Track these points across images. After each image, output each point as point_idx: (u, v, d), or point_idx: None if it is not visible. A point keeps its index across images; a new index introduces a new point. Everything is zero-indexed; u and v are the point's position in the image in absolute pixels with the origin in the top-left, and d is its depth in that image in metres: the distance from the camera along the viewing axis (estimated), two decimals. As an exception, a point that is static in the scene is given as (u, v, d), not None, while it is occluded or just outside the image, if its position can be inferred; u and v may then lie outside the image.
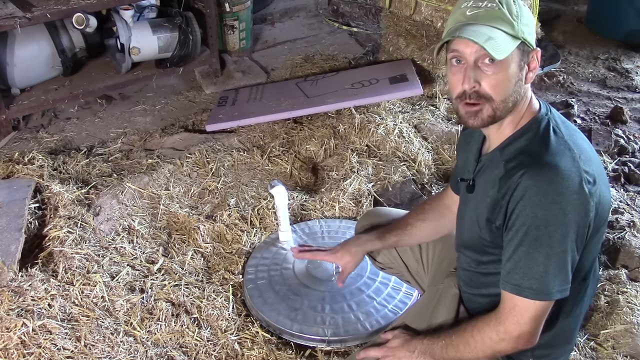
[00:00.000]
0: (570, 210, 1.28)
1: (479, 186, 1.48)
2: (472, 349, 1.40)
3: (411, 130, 2.94)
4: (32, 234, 2.31)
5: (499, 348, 1.37)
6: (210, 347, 1.89)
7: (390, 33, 3.69)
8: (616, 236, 2.32)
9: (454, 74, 1.37)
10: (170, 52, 3.40)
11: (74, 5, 2.99)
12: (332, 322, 1.95)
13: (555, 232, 1.28)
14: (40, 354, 1.82)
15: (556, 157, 1.31)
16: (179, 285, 2.11)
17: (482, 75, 1.32)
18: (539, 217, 1.28)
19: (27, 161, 2.76)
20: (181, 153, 2.87)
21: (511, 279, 1.33)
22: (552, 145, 1.33)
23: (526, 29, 1.34)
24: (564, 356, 1.55)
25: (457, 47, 1.33)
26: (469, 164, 1.55)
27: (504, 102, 1.35)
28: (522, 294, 1.32)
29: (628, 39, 4.03)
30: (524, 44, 1.34)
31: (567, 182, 1.27)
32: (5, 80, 3.13)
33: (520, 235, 1.31)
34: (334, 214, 2.49)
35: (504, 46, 1.30)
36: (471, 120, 1.37)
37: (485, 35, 1.28)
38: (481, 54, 1.31)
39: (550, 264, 1.30)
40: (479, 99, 1.34)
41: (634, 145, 3.01)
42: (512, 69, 1.33)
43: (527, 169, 1.31)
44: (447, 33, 1.35)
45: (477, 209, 1.46)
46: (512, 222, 1.33)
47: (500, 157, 1.41)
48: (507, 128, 1.41)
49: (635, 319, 1.92)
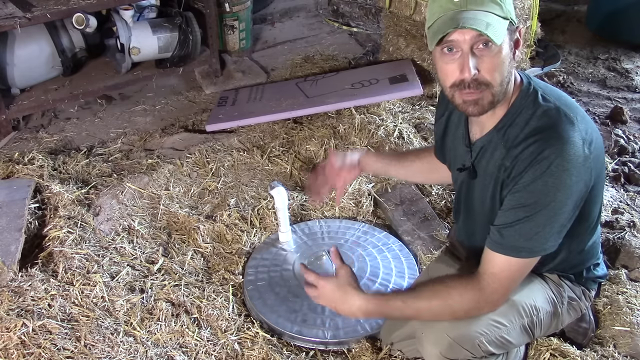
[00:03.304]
0: (576, 175, 1.32)
1: (481, 169, 1.50)
2: (446, 311, 1.43)
3: (411, 130, 2.94)
4: (32, 234, 2.31)
5: (480, 308, 1.42)
6: (210, 347, 1.89)
7: (390, 33, 3.68)
8: (616, 236, 2.32)
9: (446, 63, 1.35)
10: (170, 52, 3.39)
11: (74, 5, 2.99)
12: (331, 324, 1.95)
13: (561, 198, 1.33)
14: (40, 354, 1.82)
15: (558, 127, 1.34)
16: (179, 285, 2.11)
17: (480, 61, 1.31)
18: (549, 186, 1.32)
19: (27, 161, 2.76)
20: (181, 153, 2.87)
21: (508, 242, 1.38)
22: (549, 116, 1.36)
23: (511, 7, 1.34)
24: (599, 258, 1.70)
25: (450, 37, 1.31)
26: (460, 152, 1.57)
27: (501, 85, 1.36)
28: (520, 255, 1.38)
29: (628, 39, 4.03)
30: (510, 23, 1.33)
31: (573, 149, 1.31)
32: (5, 80, 3.13)
33: (525, 202, 1.35)
34: (334, 214, 2.49)
35: (499, 30, 1.29)
36: (471, 108, 1.37)
37: (483, 22, 1.27)
38: (476, 41, 1.29)
39: (552, 227, 1.35)
40: (478, 87, 1.33)
41: (634, 145, 3.01)
42: (505, 51, 1.33)
43: (534, 144, 1.34)
44: (442, 23, 1.30)
45: (483, 192, 1.50)
46: (518, 187, 1.36)
47: (499, 138, 1.43)
48: (500, 108, 1.43)
49: (635, 319, 1.92)
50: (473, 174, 1.53)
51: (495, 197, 1.47)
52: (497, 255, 1.40)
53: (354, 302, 1.52)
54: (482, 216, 1.55)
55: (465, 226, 1.69)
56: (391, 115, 3.04)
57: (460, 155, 1.58)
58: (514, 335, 1.55)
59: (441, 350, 1.49)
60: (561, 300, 1.62)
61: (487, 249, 1.42)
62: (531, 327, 1.58)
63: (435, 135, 1.74)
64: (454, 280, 1.46)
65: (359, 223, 2.42)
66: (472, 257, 1.56)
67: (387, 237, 2.33)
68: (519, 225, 1.36)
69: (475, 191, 1.55)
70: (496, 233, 1.40)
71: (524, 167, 1.35)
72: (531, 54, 3.69)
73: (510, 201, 1.39)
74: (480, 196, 1.53)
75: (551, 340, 1.82)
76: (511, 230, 1.37)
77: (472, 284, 1.42)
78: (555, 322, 1.65)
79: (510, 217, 1.38)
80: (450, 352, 1.48)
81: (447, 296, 1.43)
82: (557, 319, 1.64)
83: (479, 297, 1.41)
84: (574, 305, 1.66)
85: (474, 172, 1.53)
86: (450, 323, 1.48)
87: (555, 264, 1.58)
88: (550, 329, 1.67)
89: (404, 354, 1.82)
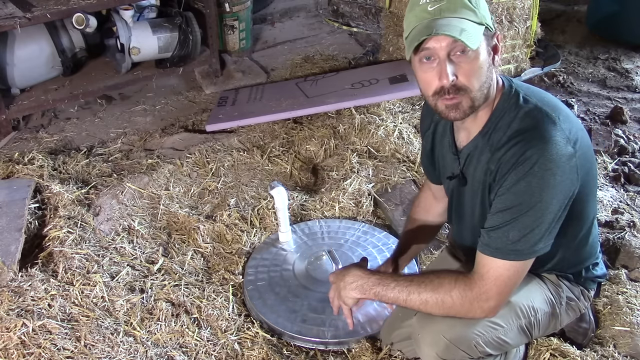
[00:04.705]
0: (560, 175, 1.32)
1: (470, 176, 1.51)
2: (433, 301, 1.43)
3: (411, 130, 2.94)
4: (32, 234, 2.31)
5: (469, 310, 1.42)
6: (210, 347, 1.89)
7: (390, 33, 3.68)
8: (616, 236, 2.32)
9: (425, 72, 1.36)
10: (170, 52, 3.40)
11: (74, 5, 2.99)
12: (331, 324, 1.95)
13: (547, 198, 1.32)
14: (40, 354, 1.82)
15: (540, 127, 1.34)
16: (179, 285, 2.11)
17: (457, 67, 1.33)
18: (533, 186, 1.32)
19: (27, 161, 2.76)
20: (181, 153, 2.87)
21: (495, 245, 1.38)
22: (531, 117, 1.37)
23: (486, 13, 1.36)
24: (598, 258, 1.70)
25: (427, 45, 1.32)
26: (448, 161, 1.58)
27: (480, 90, 1.36)
28: (509, 257, 1.37)
29: (628, 39, 4.03)
30: (487, 29, 1.35)
31: (555, 148, 1.32)
32: (5, 80, 3.13)
33: (510, 204, 1.35)
34: (334, 214, 2.49)
35: (474, 35, 1.30)
36: (452, 114, 1.38)
37: (457, 28, 1.28)
38: (452, 47, 1.31)
39: (540, 228, 1.35)
40: (457, 92, 1.34)
41: (634, 145, 3.01)
42: (483, 56, 1.35)
43: (516, 145, 1.35)
44: (417, 32, 1.32)
45: (473, 198, 1.51)
46: (502, 190, 1.37)
47: (484, 142, 1.44)
48: (483, 113, 1.44)
49: (635, 319, 1.92)
50: (463, 181, 1.54)
51: (484, 202, 1.48)
52: (486, 257, 1.40)
53: (350, 272, 1.57)
54: (474, 222, 1.55)
55: (459, 231, 1.69)
56: (391, 115, 3.04)
57: (448, 163, 1.60)
58: (511, 336, 1.55)
59: (438, 351, 1.49)
60: (559, 300, 1.62)
61: (477, 252, 1.43)
62: (529, 328, 1.58)
63: (424, 149, 1.74)
64: (448, 276, 1.46)
65: (359, 223, 2.42)
66: (470, 260, 1.56)
67: (387, 237, 2.33)
68: (506, 228, 1.36)
69: (466, 198, 1.56)
70: (485, 236, 1.41)
71: (507, 169, 1.35)
72: (531, 54, 3.69)
73: (497, 204, 1.39)
74: (471, 202, 1.54)
75: (551, 340, 1.82)
76: (499, 233, 1.37)
77: (462, 282, 1.42)
78: (553, 323, 1.65)
79: (497, 220, 1.38)
80: (447, 353, 1.49)
81: (438, 288, 1.43)
82: (555, 319, 1.64)
83: (468, 296, 1.40)
84: (573, 306, 1.66)
85: (463, 179, 1.54)
86: (447, 324, 1.48)
87: (553, 264, 1.58)
88: (548, 329, 1.66)
89: (403, 354, 1.82)
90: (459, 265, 1.77)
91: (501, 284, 1.39)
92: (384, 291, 1.50)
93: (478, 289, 1.39)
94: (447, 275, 1.45)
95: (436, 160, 1.69)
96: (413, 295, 1.45)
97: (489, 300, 1.40)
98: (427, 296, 1.44)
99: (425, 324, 1.53)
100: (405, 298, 1.47)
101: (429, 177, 1.80)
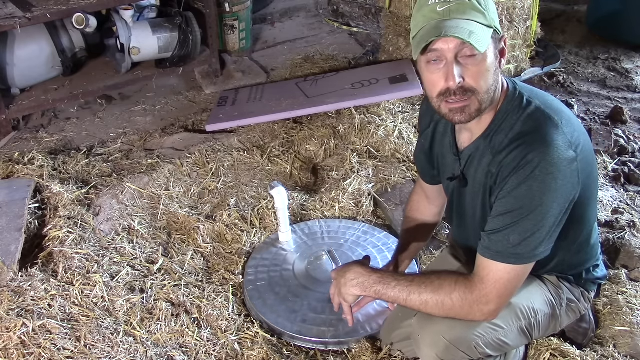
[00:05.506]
0: (561, 178, 1.31)
1: (471, 177, 1.50)
2: (433, 302, 1.43)
3: (411, 130, 2.94)
4: (32, 234, 2.31)
5: (468, 312, 1.42)
6: (210, 347, 1.89)
7: (390, 33, 3.68)
8: (616, 236, 2.32)
9: (432, 73, 1.35)
10: (170, 52, 3.40)
11: (74, 5, 2.99)
12: (332, 324, 1.95)
13: (547, 202, 1.32)
14: (40, 354, 1.82)
15: (542, 130, 1.34)
16: (179, 285, 2.11)
17: (464, 69, 1.32)
18: (534, 190, 1.32)
19: (27, 161, 2.76)
20: (181, 153, 2.87)
21: (496, 248, 1.37)
22: (534, 120, 1.37)
23: (495, 16, 1.35)
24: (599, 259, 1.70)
25: (434, 46, 1.31)
26: (448, 161, 1.57)
27: (488, 92, 1.36)
28: (509, 261, 1.37)
29: (628, 39, 4.03)
30: (495, 32, 1.34)
31: (557, 152, 1.31)
32: (5, 80, 3.13)
33: (511, 208, 1.35)
34: (334, 214, 2.49)
35: (483, 38, 1.30)
36: (458, 117, 1.38)
37: (466, 30, 1.28)
38: (460, 49, 1.30)
39: (540, 232, 1.34)
40: (465, 94, 1.34)
41: (634, 145, 3.01)
42: (490, 59, 1.34)
43: (517, 148, 1.34)
44: (425, 33, 1.31)
45: (474, 200, 1.50)
46: (503, 193, 1.36)
47: (487, 145, 1.43)
48: (487, 115, 1.43)
49: (635, 319, 1.92)
50: (464, 182, 1.53)
51: (485, 205, 1.47)
52: (486, 260, 1.40)
53: (352, 269, 1.57)
54: (474, 223, 1.55)
55: (459, 232, 1.69)
56: (391, 115, 3.04)
57: (449, 164, 1.59)
58: (512, 338, 1.54)
59: (437, 352, 1.49)
60: (560, 302, 1.62)
61: (478, 254, 1.43)
62: (529, 329, 1.58)
63: (422, 147, 1.72)
64: (449, 277, 1.46)
65: (359, 223, 2.42)
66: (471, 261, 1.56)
67: (387, 237, 2.33)
68: (506, 231, 1.36)
69: (467, 199, 1.56)
70: (486, 239, 1.40)
71: (508, 173, 1.35)
72: (531, 54, 3.69)
73: (497, 207, 1.39)
74: (472, 204, 1.54)
75: (551, 340, 1.82)
76: (499, 236, 1.37)
77: (462, 284, 1.41)
78: (553, 324, 1.65)
79: (498, 224, 1.38)
80: (447, 354, 1.49)
81: (439, 289, 1.43)
82: (555, 320, 1.64)
83: (468, 298, 1.40)
84: (573, 307, 1.66)
85: (464, 181, 1.53)
86: (447, 325, 1.48)
87: (553, 266, 1.58)
88: (548, 330, 1.67)
89: (403, 354, 1.82)
90: (460, 266, 1.77)
91: (501, 287, 1.39)
92: (384, 290, 1.50)
93: (478, 292, 1.39)
94: (448, 277, 1.45)
95: (435, 159, 1.68)
96: (413, 296, 1.45)
97: (489, 304, 1.40)
98: (427, 297, 1.43)
99: (425, 324, 1.53)
100: (406, 298, 1.47)
101: (423, 177, 1.79)
